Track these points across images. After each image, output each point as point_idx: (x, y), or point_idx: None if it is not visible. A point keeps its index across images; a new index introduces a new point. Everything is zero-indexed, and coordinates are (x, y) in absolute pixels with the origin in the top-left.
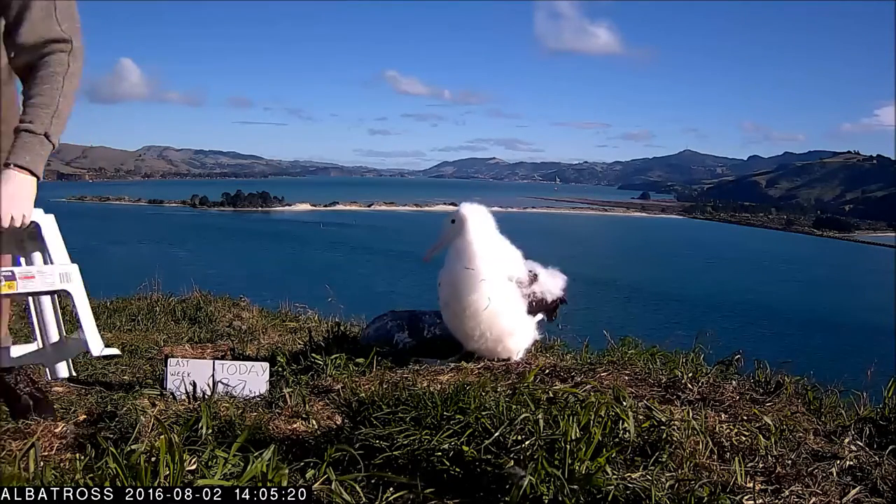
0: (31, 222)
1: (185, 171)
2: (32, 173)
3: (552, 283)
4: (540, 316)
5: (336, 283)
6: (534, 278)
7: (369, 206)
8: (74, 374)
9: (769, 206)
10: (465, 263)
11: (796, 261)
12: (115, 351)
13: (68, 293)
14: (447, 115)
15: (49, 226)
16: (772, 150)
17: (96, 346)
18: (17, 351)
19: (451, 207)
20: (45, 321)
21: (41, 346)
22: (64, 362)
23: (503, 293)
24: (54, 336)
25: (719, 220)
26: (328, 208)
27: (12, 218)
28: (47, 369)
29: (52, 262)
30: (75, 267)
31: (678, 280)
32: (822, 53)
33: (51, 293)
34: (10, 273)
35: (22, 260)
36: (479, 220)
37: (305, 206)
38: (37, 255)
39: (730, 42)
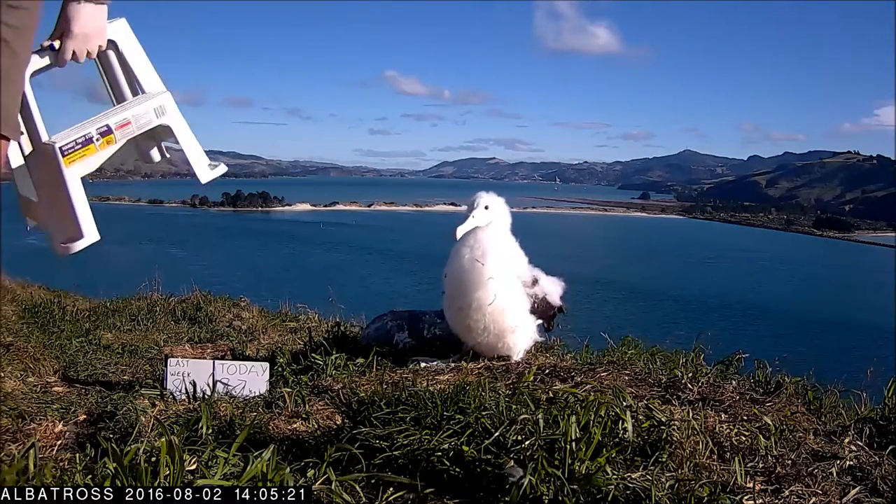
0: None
1: (185, 171)
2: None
3: (552, 289)
4: (540, 321)
5: (336, 283)
6: (535, 281)
7: (369, 206)
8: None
9: (769, 206)
10: (477, 256)
11: (796, 261)
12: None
13: (167, 127)
14: (447, 115)
15: (128, 42)
16: (772, 150)
17: (204, 175)
18: None
19: (451, 207)
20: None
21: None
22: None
23: (509, 290)
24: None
25: (719, 220)
26: (328, 208)
27: (88, 53)
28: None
29: (140, 88)
30: (167, 95)
31: (678, 280)
32: (823, 53)
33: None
34: (105, 128)
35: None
36: (506, 217)
37: (305, 206)
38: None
39: (730, 42)
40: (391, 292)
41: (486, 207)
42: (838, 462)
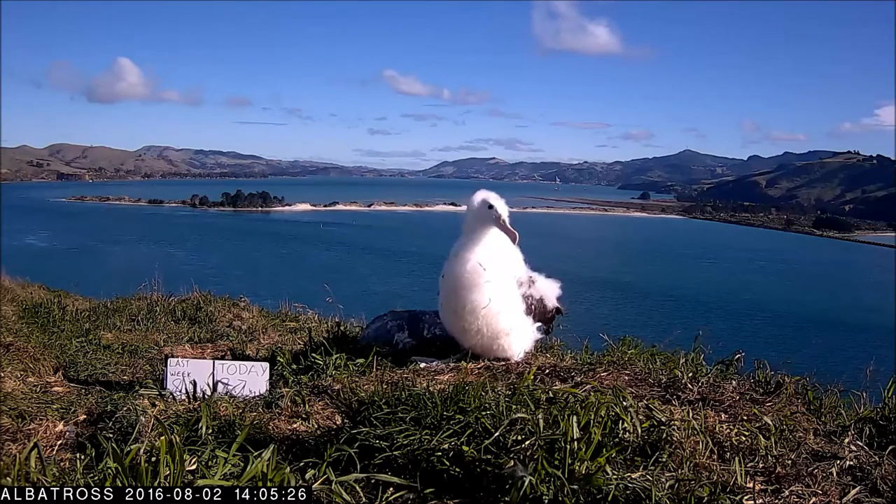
0: None
1: (185, 171)
2: None
3: (549, 290)
4: (539, 323)
5: (335, 283)
6: (532, 283)
7: (369, 206)
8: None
9: (769, 206)
10: (474, 260)
11: (795, 261)
12: None
13: None
14: (446, 114)
15: None
16: (772, 150)
17: None
18: None
19: (452, 207)
20: None
21: None
22: None
23: (504, 294)
24: None
25: (719, 220)
26: (328, 208)
27: None
28: None
29: None
30: None
31: (678, 280)
32: (823, 53)
33: None
34: None
35: None
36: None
37: (305, 206)
38: None
39: (730, 42)
40: (390, 292)
41: (490, 207)
42: (838, 462)
